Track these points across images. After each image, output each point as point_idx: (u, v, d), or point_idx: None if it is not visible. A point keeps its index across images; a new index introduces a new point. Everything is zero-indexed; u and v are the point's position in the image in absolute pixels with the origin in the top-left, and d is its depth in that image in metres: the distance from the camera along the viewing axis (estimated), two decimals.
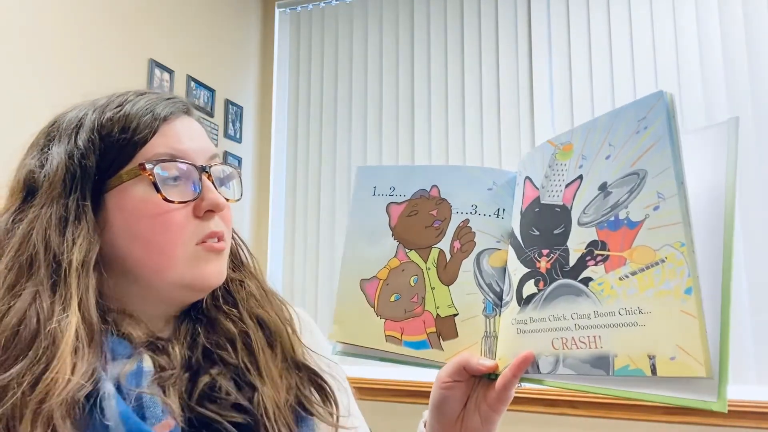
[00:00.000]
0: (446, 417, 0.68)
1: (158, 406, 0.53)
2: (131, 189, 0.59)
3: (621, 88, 2.18)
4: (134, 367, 0.55)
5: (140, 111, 0.61)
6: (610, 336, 0.51)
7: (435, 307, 0.70)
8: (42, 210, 0.57)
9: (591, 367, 0.52)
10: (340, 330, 0.73)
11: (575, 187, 0.58)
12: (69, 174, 0.58)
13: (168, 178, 0.60)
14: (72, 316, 0.52)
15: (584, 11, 2.27)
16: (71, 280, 0.54)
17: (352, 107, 2.60)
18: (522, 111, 2.33)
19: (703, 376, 0.44)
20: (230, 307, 0.66)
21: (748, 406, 1.79)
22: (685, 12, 2.12)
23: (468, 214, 0.71)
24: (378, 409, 2.16)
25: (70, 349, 0.51)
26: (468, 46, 2.45)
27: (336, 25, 2.69)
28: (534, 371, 0.59)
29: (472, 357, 0.65)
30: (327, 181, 2.60)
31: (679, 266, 0.47)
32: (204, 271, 0.61)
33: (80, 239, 0.56)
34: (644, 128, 0.53)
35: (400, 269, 0.72)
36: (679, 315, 0.47)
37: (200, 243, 0.61)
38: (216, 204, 0.61)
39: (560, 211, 0.60)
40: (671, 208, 0.49)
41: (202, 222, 0.62)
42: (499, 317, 0.67)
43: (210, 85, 2.45)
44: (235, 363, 0.60)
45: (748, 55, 2.02)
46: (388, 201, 0.74)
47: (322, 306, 2.50)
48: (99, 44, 1.95)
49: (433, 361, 0.69)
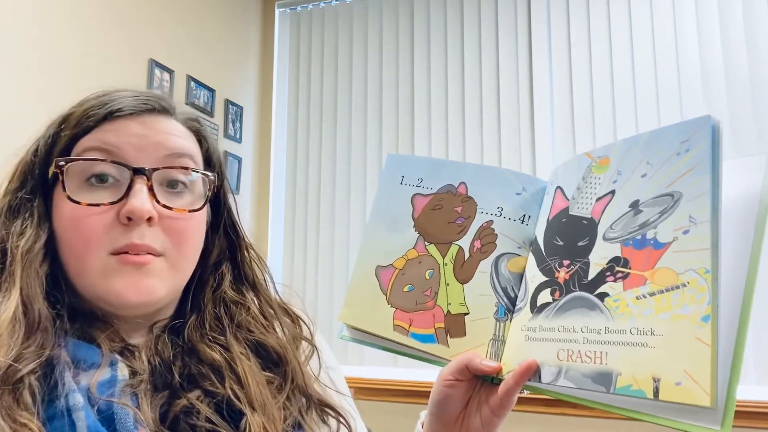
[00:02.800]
0: (446, 416, 0.67)
1: (129, 416, 0.50)
2: (58, 186, 0.56)
3: (621, 88, 2.18)
4: (106, 375, 0.52)
5: (91, 107, 0.57)
6: (617, 354, 0.50)
7: (447, 304, 0.69)
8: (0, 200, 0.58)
9: (592, 382, 0.51)
10: (348, 312, 0.73)
11: (606, 201, 0.57)
12: (26, 168, 0.58)
13: (92, 177, 0.55)
14: (11, 301, 0.51)
15: (584, 11, 2.27)
16: (16, 268, 0.53)
17: (352, 107, 2.61)
18: (522, 111, 2.34)
19: (707, 405, 0.43)
20: (217, 335, 0.60)
21: (748, 406, 1.79)
22: (685, 12, 2.12)
23: (493, 216, 0.70)
24: (378, 409, 2.15)
25: (4, 331, 0.49)
26: (468, 45, 2.45)
27: (336, 25, 2.69)
28: (535, 380, 0.58)
29: (476, 357, 0.65)
30: (327, 181, 2.61)
31: (701, 292, 0.46)
32: (115, 285, 0.54)
33: (28, 230, 0.55)
34: (686, 150, 0.52)
35: (417, 261, 0.72)
36: (692, 341, 0.45)
37: (115, 254, 0.55)
38: (131, 210, 0.54)
39: (587, 223, 0.59)
40: (702, 234, 0.48)
41: (125, 230, 0.55)
42: (509, 322, 0.66)
43: (210, 85, 2.45)
44: (221, 392, 0.55)
45: (748, 56, 2.01)
46: (414, 192, 0.74)
47: (322, 306, 2.50)
48: (99, 44, 1.95)
49: (438, 356, 0.69)
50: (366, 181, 2.54)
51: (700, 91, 2.06)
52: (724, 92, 2.03)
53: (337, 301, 2.48)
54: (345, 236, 2.54)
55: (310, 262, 2.57)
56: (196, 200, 0.60)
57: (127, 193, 0.55)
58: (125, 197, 0.55)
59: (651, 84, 2.14)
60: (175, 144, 0.58)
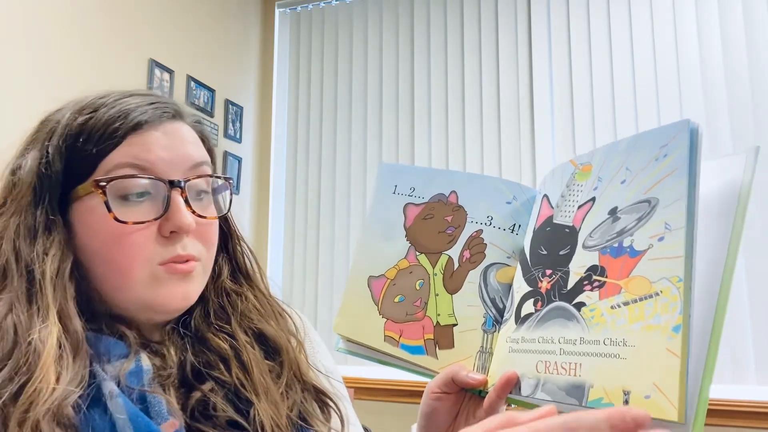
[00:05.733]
0: (436, 429, 0.66)
1: (163, 405, 0.52)
2: (89, 204, 0.56)
3: (621, 88, 2.18)
4: (133, 366, 0.53)
5: (111, 118, 0.56)
6: (590, 365, 0.48)
7: (436, 314, 0.69)
8: (11, 219, 0.55)
9: (566, 394, 0.50)
10: (342, 322, 0.72)
11: (587, 209, 0.56)
12: (39, 181, 0.56)
13: (130, 194, 0.56)
14: (52, 326, 0.50)
15: (584, 11, 2.27)
16: (47, 291, 0.52)
17: (352, 107, 2.61)
18: (522, 111, 2.33)
19: (674, 420, 0.41)
20: (223, 323, 0.62)
21: (748, 406, 1.77)
22: (685, 12, 2.11)
23: (482, 225, 0.69)
24: (378, 409, 2.14)
25: (52, 359, 0.49)
26: (468, 45, 2.44)
27: (336, 25, 2.70)
28: (516, 392, 0.56)
29: (462, 369, 0.64)
30: (327, 181, 2.61)
31: (673, 302, 0.44)
32: (164, 293, 0.56)
33: (52, 250, 0.54)
34: (664, 156, 0.50)
35: (408, 271, 0.71)
36: (662, 353, 0.44)
37: (163, 264, 0.56)
38: (179, 225, 0.56)
39: (569, 232, 0.57)
40: (675, 241, 0.46)
41: (168, 243, 0.57)
42: (497, 334, 0.65)
43: (210, 85, 2.45)
44: (229, 381, 0.57)
45: (748, 56, 2.02)
46: (406, 201, 0.74)
47: (322, 306, 2.50)
48: (99, 44, 1.94)
49: (426, 368, 0.68)
50: (366, 180, 2.54)
51: (700, 91, 2.07)
52: (724, 92, 2.03)
53: (337, 301, 2.46)
54: (345, 236, 2.54)
55: (310, 262, 2.57)
56: (214, 203, 0.63)
57: (165, 207, 0.56)
58: (166, 212, 0.56)
59: (651, 84, 2.14)
60: (196, 154, 0.60)
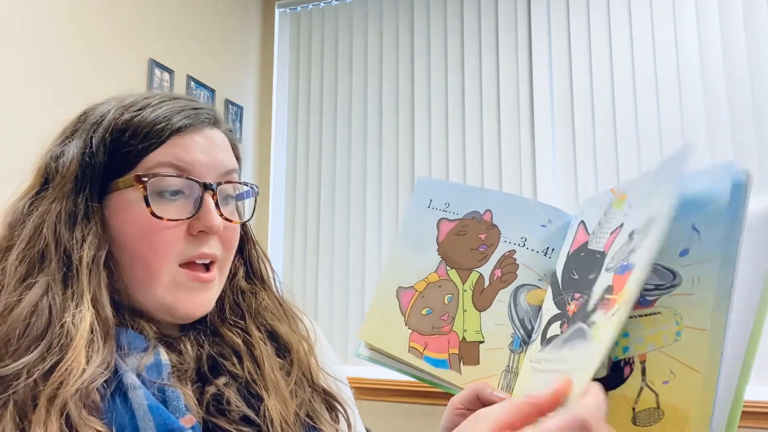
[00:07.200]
0: None
1: (181, 400, 0.53)
2: (127, 197, 0.58)
3: (621, 88, 2.15)
4: (152, 360, 0.55)
5: (156, 118, 0.59)
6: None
7: (463, 330, 0.69)
8: (53, 204, 0.57)
9: None
10: (367, 329, 0.74)
11: (616, 234, 0.56)
12: (81, 170, 0.58)
13: (166, 192, 0.58)
14: (86, 312, 0.53)
15: (584, 11, 2.24)
16: (83, 276, 0.54)
17: (352, 107, 2.61)
18: (522, 111, 2.31)
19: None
20: (237, 319, 0.65)
21: (748, 406, 1.67)
22: (685, 12, 2.08)
23: (516, 246, 0.70)
24: (378, 409, 2.12)
25: (84, 341, 0.51)
26: (468, 46, 2.43)
27: (336, 25, 2.70)
28: None
29: (487, 387, 0.64)
30: (327, 181, 2.60)
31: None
32: (184, 300, 0.59)
33: (90, 237, 0.56)
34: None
35: (437, 285, 0.72)
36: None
37: (185, 264, 0.59)
38: (209, 226, 0.59)
39: (599, 257, 0.57)
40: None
41: (194, 241, 0.59)
42: (524, 354, 0.65)
43: (210, 85, 2.43)
44: (241, 374, 0.59)
45: (748, 56, 1.99)
46: (440, 216, 0.75)
47: (322, 307, 2.49)
48: (99, 44, 1.94)
49: (449, 383, 0.68)
50: (366, 181, 2.53)
51: (700, 91, 2.05)
52: (724, 92, 2.02)
53: (337, 301, 2.47)
54: (345, 236, 2.53)
55: (310, 262, 2.57)
56: (237, 208, 0.66)
57: (198, 207, 0.59)
58: (198, 212, 0.59)
59: (651, 84, 2.12)
60: (229, 161, 0.63)
